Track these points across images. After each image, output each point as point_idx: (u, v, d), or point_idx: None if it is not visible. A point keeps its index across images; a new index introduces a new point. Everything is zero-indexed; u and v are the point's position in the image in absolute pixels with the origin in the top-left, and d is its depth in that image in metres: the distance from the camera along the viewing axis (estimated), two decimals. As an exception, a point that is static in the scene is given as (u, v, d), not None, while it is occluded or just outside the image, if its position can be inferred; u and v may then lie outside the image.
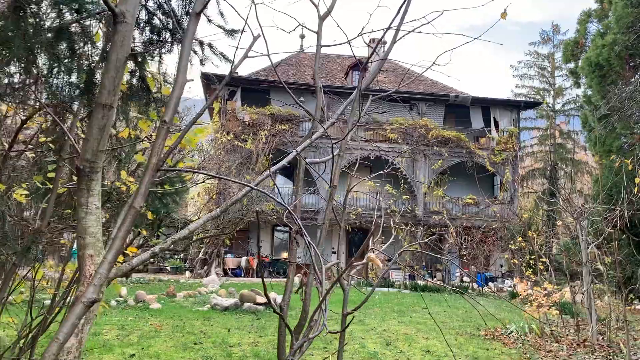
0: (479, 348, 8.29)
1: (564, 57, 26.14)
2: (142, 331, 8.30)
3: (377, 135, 26.38)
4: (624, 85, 11.31)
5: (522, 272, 10.87)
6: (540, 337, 9.18)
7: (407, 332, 9.43)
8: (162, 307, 10.77)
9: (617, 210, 7.59)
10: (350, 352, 7.49)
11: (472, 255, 19.09)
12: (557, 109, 40.61)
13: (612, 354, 8.16)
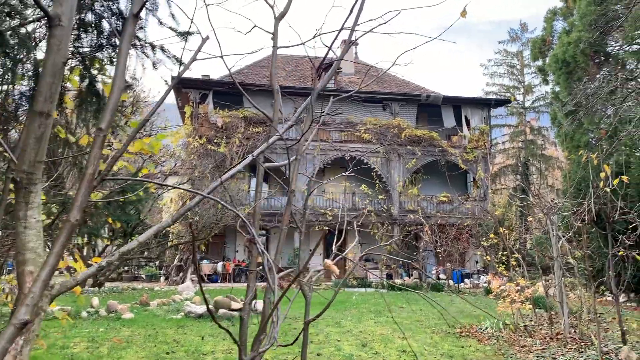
0: (454, 346, 8.31)
1: (532, 55, 26.61)
2: (113, 342, 8.10)
3: (351, 136, 26.43)
4: (589, 82, 11.53)
5: (496, 269, 10.98)
6: (515, 333, 9.26)
7: (384, 332, 9.41)
8: (134, 317, 10.55)
9: (585, 205, 7.69)
10: (325, 355, 7.43)
11: (447, 253, 19.24)
12: (527, 106, 41.31)
13: (583, 346, 8.28)
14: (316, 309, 9.08)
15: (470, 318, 11.28)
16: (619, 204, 7.10)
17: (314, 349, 7.84)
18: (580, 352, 7.88)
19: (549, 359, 7.60)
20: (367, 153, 26.32)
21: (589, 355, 7.65)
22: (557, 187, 35.75)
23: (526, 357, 7.73)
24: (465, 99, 28.53)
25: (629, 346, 8.37)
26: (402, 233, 25.26)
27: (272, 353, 7.43)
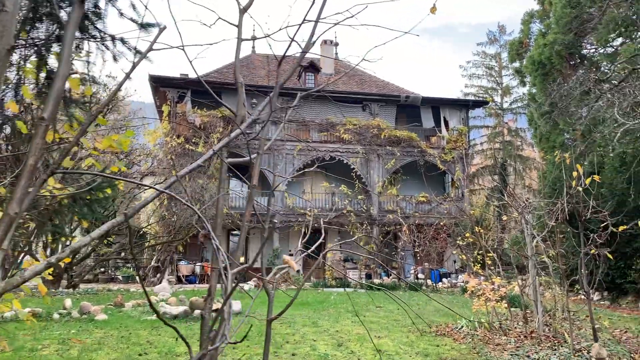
0: (430, 345, 8.33)
1: (510, 57, 26.92)
2: (84, 344, 7.94)
3: (331, 137, 26.42)
4: (563, 83, 11.67)
5: (471, 268, 11.06)
6: (490, 331, 9.32)
7: (360, 331, 9.39)
8: (108, 318, 10.37)
9: (558, 204, 7.77)
10: (300, 355, 7.38)
11: (424, 252, 19.34)
12: (505, 107, 41.82)
13: (557, 344, 8.36)
14: (293, 308, 9.08)
15: (446, 317, 11.34)
16: (590, 203, 7.17)
17: (290, 348, 7.80)
18: (554, 350, 7.96)
19: (523, 357, 7.66)
20: (350, 154, 26.36)
21: (562, 352, 7.73)
22: (534, 187, 36.25)
23: (500, 355, 7.77)
24: (444, 100, 28.75)
25: (600, 343, 8.49)
26: (381, 233, 25.34)
27: (243, 352, 7.36)
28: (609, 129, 9.73)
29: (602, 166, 15.89)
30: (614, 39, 17.61)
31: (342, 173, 26.91)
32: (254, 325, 9.81)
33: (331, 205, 25.74)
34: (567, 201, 7.75)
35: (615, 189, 14.46)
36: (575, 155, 13.98)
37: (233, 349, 7.62)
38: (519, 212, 9.53)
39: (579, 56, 19.07)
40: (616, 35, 15.95)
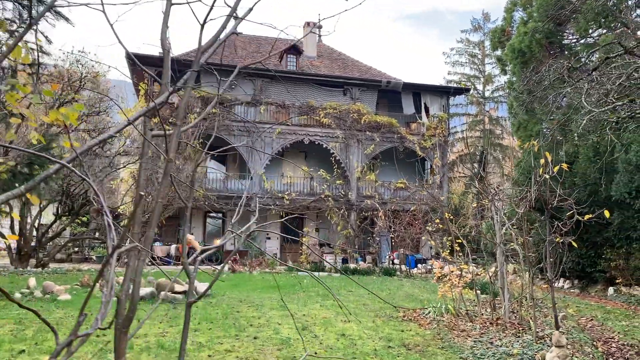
0: (395, 330, 8.30)
1: (492, 45, 26.88)
2: (41, 325, 7.74)
3: (310, 120, 26.20)
4: (543, 72, 11.63)
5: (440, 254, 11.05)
6: (456, 317, 9.33)
7: (327, 315, 9.34)
8: (71, 299, 10.16)
9: (526, 192, 7.73)
10: (262, 338, 7.29)
11: (399, 238, 19.35)
12: (486, 95, 41.91)
13: (521, 331, 8.40)
14: (263, 291, 8.97)
15: (415, 302, 11.35)
16: (557, 191, 7.13)
17: (252, 332, 7.70)
18: (517, 337, 7.99)
19: (486, 343, 7.67)
20: (329, 138, 26.19)
21: (525, 339, 7.75)
22: (512, 176, 36.50)
23: (464, 341, 7.77)
24: (425, 86, 28.65)
25: (563, 330, 8.54)
26: (359, 219, 25.33)
27: (206, 335, 7.25)
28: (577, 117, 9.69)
29: (577, 156, 15.99)
30: (594, 29, 17.62)
31: (322, 157, 26.79)
32: (216, 307, 9.71)
33: (310, 190, 25.63)
34: (536, 189, 7.70)
35: (588, 178, 14.55)
36: (549, 144, 14.02)
37: (194, 332, 7.50)
38: (489, 199, 9.50)
39: (559, 45, 19.06)
40: (596, 26, 15.94)
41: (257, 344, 6.98)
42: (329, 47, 34.25)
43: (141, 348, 6.52)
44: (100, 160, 16.68)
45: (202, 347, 6.71)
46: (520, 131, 20.09)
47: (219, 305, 10.15)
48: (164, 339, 7.05)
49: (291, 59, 29.31)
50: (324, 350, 6.84)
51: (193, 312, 9.20)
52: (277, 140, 25.47)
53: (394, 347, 7.20)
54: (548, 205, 7.25)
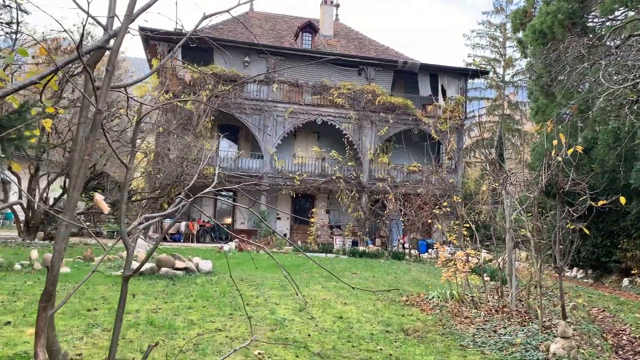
0: (395, 314, 8.04)
1: (513, 26, 26.00)
2: (35, 296, 7.62)
3: (324, 100, 25.79)
4: (562, 50, 11.07)
5: (446, 237, 10.74)
6: (461, 303, 9.04)
7: (327, 297, 9.10)
8: (70, 272, 10.07)
9: (537, 176, 7.36)
10: (257, 318, 7.08)
11: (410, 222, 19.03)
12: (506, 79, 40.98)
13: (527, 320, 8.08)
14: (265, 270, 8.62)
15: (420, 287, 11.07)
16: (571, 175, 6.75)
17: (248, 310, 7.48)
18: (523, 326, 7.68)
19: (489, 331, 7.38)
20: (343, 119, 25.79)
21: (530, 329, 7.44)
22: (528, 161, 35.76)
23: (466, 329, 7.49)
24: (442, 67, 28.00)
25: (571, 320, 8.21)
26: (370, 201, 25.01)
27: (200, 312, 7.06)
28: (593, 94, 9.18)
29: (596, 142, 15.42)
30: (620, 10, 16.86)
31: (334, 138, 26.43)
32: (216, 285, 9.53)
33: (321, 171, 25.34)
34: (548, 173, 7.32)
35: (607, 165, 14.02)
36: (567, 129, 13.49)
37: (188, 309, 7.32)
38: (500, 183, 9.12)
39: (583, 27, 18.29)
40: (622, 5, 15.20)
41: (252, 323, 6.77)
42: (345, 27, 33.64)
43: (130, 324, 6.34)
44: (109, 135, 16.51)
45: (193, 324, 6.52)
46: (538, 115, 19.47)
47: (219, 283, 9.98)
48: (155, 315, 6.88)
49: (306, 38, 28.82)
50: (318, 332, 6.61)
51: (190, 289, 9.04)
52: (290, 119, 25.14)
53: (391, 332, 6.95)
54: (560, 189, 6.87)
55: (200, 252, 16.76)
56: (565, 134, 7.78)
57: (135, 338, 5.82)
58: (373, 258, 17.80)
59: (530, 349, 6.40)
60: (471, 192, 27.70)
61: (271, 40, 28.60)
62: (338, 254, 18.32)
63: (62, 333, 5.81)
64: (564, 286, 13.98)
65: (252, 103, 24.77)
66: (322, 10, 31.52)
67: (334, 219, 26.25)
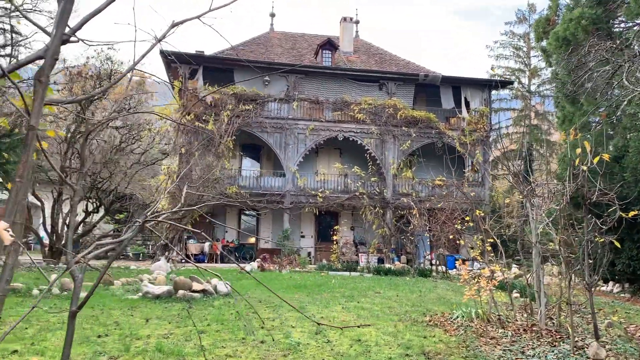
0: (416, 336, 7.66)
1: (536, 35, 25.49)
2: (47, 323, 7.54)
3: (345, 116, 25.61)
4: (584, 55, 10.64)
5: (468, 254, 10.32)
6: (487, 323, 8.60)
7: (346, 319, 8.79)
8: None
9: (561, 186, 6.96)
10: (269, 343, 6.81)
11: (436, 237, 18.54)
12: (532, 89, 40.20)
13: (558, 339, 7.61)
14: (287, 291, 8.33)
15: (445, 306, 10.64)
16: (597, 185, 6.35)
17: (261, 335, 7.23)
18: (553, 346, 7.21)
19: (516, 352, 6.94)
20: (364, 134, 25.55)
21: (561, 349, 6.98)
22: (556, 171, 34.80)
23: (492, 350, 7.07)
24: (465, 79, 27.60)
25: (606, 340, 7.69)
26: (395, 217, 24.57)
27: (213, 337, 6.83)
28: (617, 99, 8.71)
29: (627, 150, 14.80)
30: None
31: (356, 154, 26.17)
32: (233, 308, 9.30)
33: (344, 187, 25.06)
34: (573, 183, 6.92)
35: (639, 173, 13.40)
36: (596, 137, 12.98)
37: (200, 334, 7.11)
38: (524, 195, 8.71)
39: (607, 32, 17.75)
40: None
41: (262, 349, 6.51)
42: (366, 42, 33.57)
43: (137, 351, 6.15)
44: (128, 157, 16.64)
45: (203, 351, 6.29)
46: (565, 124, 18.88)
47: (236, 305, 9.75)
48: (166, 340, 6.68)
49: (326, 55, 28.81)
50: (333, 357, 6.30)
51: (206, 312, 8.84)
52: (311, 136, 25.01)
53: (411, 355, 6.59)
54: (587, 200, 6.47)
55: (222, 272, 16.61)
56: (594, 142, 7.39)
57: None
58: (398, 276, 17.36)
59: (560, 373, 5.97)
60: (499, 205, 27.00)
61: (291, 59, 28.68)
62: (362, 272, 17.93)
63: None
64: (599, 302, 13.33)
65: (273, 121, 24.75)
66: (341, 27, 31.56)
67: (359, 236, 25.86)
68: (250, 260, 22.28)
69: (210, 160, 22.03)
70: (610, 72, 8.99)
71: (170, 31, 2.37)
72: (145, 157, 18.33)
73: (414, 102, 27.23)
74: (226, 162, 23.46)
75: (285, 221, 24.23)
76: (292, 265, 18.43)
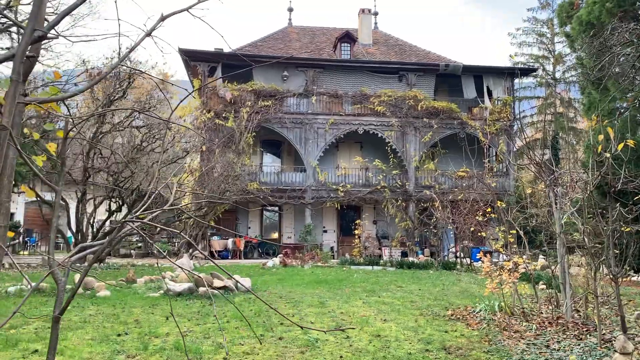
0: (437, 330, 7.53)
1: (560, 20, 24.82)
2: (70, 322, 7.62)
3: (364, 109, 25.41)
4: (607, 36, 10.27)
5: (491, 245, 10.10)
6: (510, 316, 8.41)
7: (367, 314, 8.69)
8: (110, 295, 10.10)
9: (585, 175, 6.73)
10: (288, 339, 6.76)
11: (459, 230, 18.28)
12: (557, 76, 39.30)
13: (585, 332, 7.39)
14: (307, 287, 8.27)
15: (469, 299, 10.47)
16: (622, 172, 6.11)
17: (280, 331, 7.19)
18: (579, 340, 7.01)
19: (540, 346, 6.76)
20: (385, 127, 25.32)
21: (588, 343, 6.77)
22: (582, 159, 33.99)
23: (515, 344, 6.90)
24: (487, 68, 27.09)
25: (630, 334, 7.45)
26: (418, 210, 24.33)
27: (231, 334, 6.81)
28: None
29: (656, 135, 14.30)
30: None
31: (377, 147, 25.97)
32: (254, 305, 9.28)
33: (365, 181, 24.90)
34: (597, 170, 6.69)
35: (669, 159, 12.93)
36: (624, 123, 12.57)
37: (220, 331, 7.10)
38: (547, 184, 8.48)
39: (634, 15, 17.17)
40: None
41: (280, 345, 6.47)
42: (385, 34, 33.25)
43: (155, 349, 6.17)
44: (149, 156, 16.78)
45: (221, 348, 6.28)
46: (591, 111, 18.32)
47: (257, 302, 9.73)
48: (185, 338, 6.69)
49: (345, 48, 28.62)
50: (352, 353, 6.22)
51: (226, 309, 8.83)
52: (331, 130, 24.89)
53: (431, 351, 6.46)
54: (611, 188, 6.24)
55: (245, 268, 16.67)
56: (621, 129, 7.12)
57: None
58: (422, 269, 17.18)
59: (586, 367, 5.78)
60: (525, 195, 26.49)
61: (310, 53, 28.56)
62: (385, 266, 17.80)
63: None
64: (629, 293, 12.94)
65: (292, 117, 24.71)
66: (360, 20, 31.30)
67: (381, 229, 25.69)
68: (273, 256, 22.31)
69: (231, 157, 22.09)
70: (635, 55, 8.65)
71: (160, 24, 2.31)
72: (167, 156, 18.46)
73: (435, 92, 26.86)
74: (247, 158, 23.53)
75: (307, 216, 24.20)
76: (314, 261, 18.39)
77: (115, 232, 2.20)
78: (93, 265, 16.23)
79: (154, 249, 25.96)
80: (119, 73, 15.95)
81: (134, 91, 17.11)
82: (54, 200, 2.14)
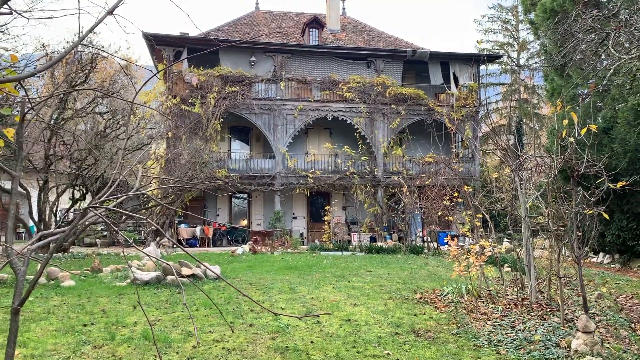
0: (407, 313, 7.63)
1: (524, 7, 25.25)
2: (33, 313, 7.42)
3: (333, 95, 25.36)
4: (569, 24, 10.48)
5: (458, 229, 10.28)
6: (477, 298, 8.58)
7: (337, 299, 8.73)
8: (75, 285, 9.86)
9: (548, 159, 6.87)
10: (258, 326, 6.74)
11: (426, 215, 18.52)
12: (521, 63, 40.00)
13: (549, 312, 7.60)
14: (276, 273, 8.22)
15: (436, 282, 10.63)
16: (585, 157, 6.26)
17: (250, 318, 7.16)
18: (543, 320, 7.21)
19: (507, 327, 6.92)
20: (353, 113, 25.34)
21: (551, 323, 6.97)
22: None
23: (482, 326, 7.05)
24: (453, 54, 27.33)
25: (596, 312, 7.70)
26: (386, 195, 24.54)
27: (200, 322, 6.75)
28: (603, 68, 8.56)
29: (616, 121, 14.75)
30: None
31: (346, 133, 26.00)
32: (224, 292, 9.21)
33: (334, 167, 24.95)
34: (561, 154, 6.83)
35: (628, 145, 13.36)
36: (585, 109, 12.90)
37: (188, 319, 7.02)
38: (512, 169, 8.63)
39: (596, 3, 17.56)
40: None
41: (251, 332, 6.44)
42: (353, 20, 33.15)
43: (123, 339, 6.05)
44: (113, 143, 16.38)
45: (190, 336, 6.21)
46: (554, 97, 18.77)
47: (226, 289, 9.66)
48: (154, 327, 6.58)
49: (313, 33, 28.41)
50: (322, 338, 6.24)
51: (195, 297, 8.74)
52: (300, 117, 24.78)
53: (401, 334, 6.55)
54: (575, 172, 6.39)
55: (214, 256, 16.54)
56: (583, 114, 7.27)
57: (125, 355, 5.53)
58: (390, 254, 17.36)
59: (550, 346, 5.95)
60: (490, 180, 27.01)
61: (278, 39, 28.28)
62: (354, 251, 17.91)
63: (50, 352, 5.55)
64: (589, 273, 13.39)
65: (260, 103, 24.47)
66: (328, 5, 31.09)
67: (351, 215, 25.83)
68: (242, 243, 22.17)
69: (199, 144, 21.79)
70: (597, 42, 8.84)
71: (121, 2, 2.20)
72: (132, 143, 18.06)
73: (402, 79, 27.00)
74: (214, 145, 23.26)
75: (276, 203, 24.13)
76: (284, 247, 18.37)
77: (77, 220, 2.11)
78: (56, 255, 15.84)
79: (120, 238, 25.48)
80: (81, 57, 15.47)
81: (96, 76, 16.59)
82: (11, 187, 2.03)
